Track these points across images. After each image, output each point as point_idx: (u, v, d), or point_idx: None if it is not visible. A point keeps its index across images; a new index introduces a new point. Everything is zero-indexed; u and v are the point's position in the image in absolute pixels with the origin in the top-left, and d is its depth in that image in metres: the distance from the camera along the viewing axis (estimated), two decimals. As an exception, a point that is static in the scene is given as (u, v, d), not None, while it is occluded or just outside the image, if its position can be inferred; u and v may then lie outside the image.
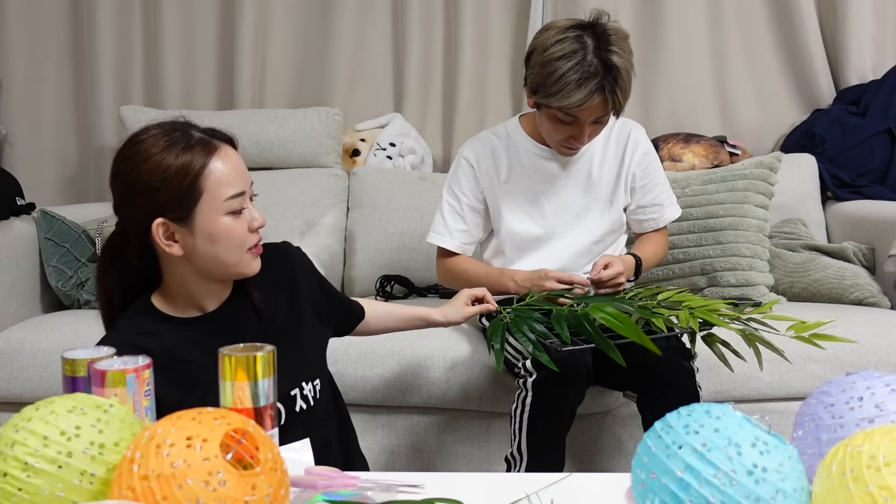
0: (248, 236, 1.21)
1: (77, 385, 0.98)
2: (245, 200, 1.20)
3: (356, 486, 0.95)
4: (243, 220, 1.20)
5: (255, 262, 1.23)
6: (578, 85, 1.58)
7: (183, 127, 1.19)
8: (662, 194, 1.87)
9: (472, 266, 1.84)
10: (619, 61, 1.59)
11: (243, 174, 1.20)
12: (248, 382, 0.93)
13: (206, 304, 1.26)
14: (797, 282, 2.21)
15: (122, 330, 1.21)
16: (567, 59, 1.59)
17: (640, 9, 2.79)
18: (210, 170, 1.16)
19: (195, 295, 1.24)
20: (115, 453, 0.79)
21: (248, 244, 1.21)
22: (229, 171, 1.18)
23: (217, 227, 1.18)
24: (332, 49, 2.83)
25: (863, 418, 0.86)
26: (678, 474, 0.76)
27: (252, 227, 1.21)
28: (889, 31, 2.77)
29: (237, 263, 1.21)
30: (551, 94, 1.61)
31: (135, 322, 1.22)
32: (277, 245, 1.37)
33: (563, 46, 1.60)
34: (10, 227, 2.19)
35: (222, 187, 1.17)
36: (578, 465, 1.87)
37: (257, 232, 1.22)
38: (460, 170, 1.84)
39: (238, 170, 1.19)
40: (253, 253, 1.22)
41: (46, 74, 2.93)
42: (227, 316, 1.27)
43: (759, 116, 2.80)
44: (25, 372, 1.92)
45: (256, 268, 1.24)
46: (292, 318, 1.32)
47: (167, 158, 1.14)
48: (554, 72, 1.60)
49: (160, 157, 1.14)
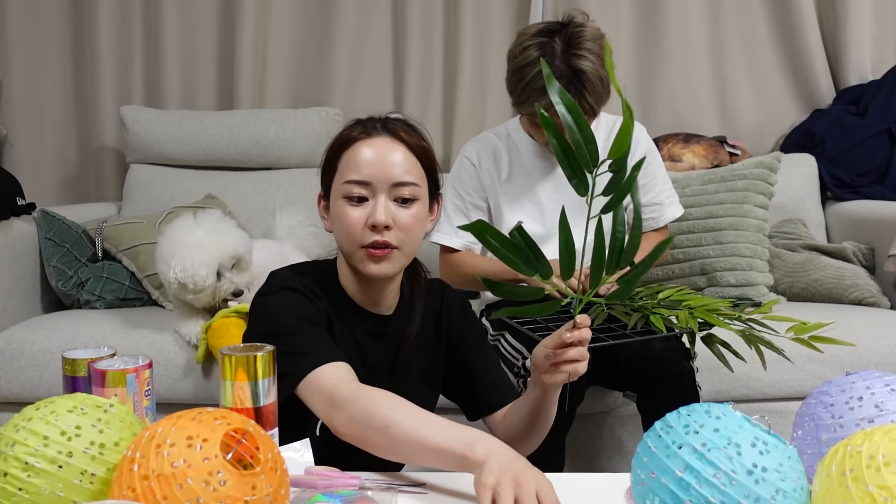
0: (362, 231, 1.15)
1: (77, 385, 0.99)
2: (373, 193, 1.15)
3: (356, 486, 0.95)
4: (362, 211, 1.15)
5: (371, 264, 1.16)
6: (544, 92, 1.57)
7: (388, 114, 1.23)
8: (663, 193, 1.87)
9: (478, 261, 1.83)
10: (588, 66, 1.58)
11: (383, 166, 1.15)
12: (248, 382, 0.93)
13: (362, 300, 1.23)
14: (797, 282, 2.21)
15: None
16: (532, 66, 1.59)
17: (640, 9, 2.79)
18: (350, 150, 1.17)
19: (352, 286, 1.22)
20: (115, 453, 0.79)
21: (361, 240, 1.15)
22: (367, 157, 1.15)
23: (335, 208, 1.18)
24: (332, 49, 2.83)
25: (863, 418, 0.86)
26: (678, 474, 0.76)
27: (368, 222, 1.14)
28: (889, 31, 2.77)
29: (351, 255, 1.17)
30: (521, 102, 1.63)
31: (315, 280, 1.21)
32: (443, 286, 1.33)
33: (530, 53, 1.60)
34: (10, 227, 2.19)
35: (349, 170, 1.15)
36: (578, 465, 1.87)
37: (378, 232, 1.14)
38: (463, 169, 1.84)
39: (378, 160, 1.15)
40: (367, 252, 1.15)
41: (46, 74, 2.93)
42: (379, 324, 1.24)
43: (759, 116, 2.80)
44: (25, 372, 1.92)
45: (374, 271, 1.16)
46: (428, 356, 1.27)
47: (339, 132, 1.21)
48: (522, 79, 1.60)
49: (340, 130, 1.21)
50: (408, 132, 1.20)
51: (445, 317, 1.30)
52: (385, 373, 1.25)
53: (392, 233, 1.15)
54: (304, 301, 1.16)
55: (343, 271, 1.23)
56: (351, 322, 1.22)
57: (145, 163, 2.68)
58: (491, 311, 1.82)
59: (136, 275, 2.23)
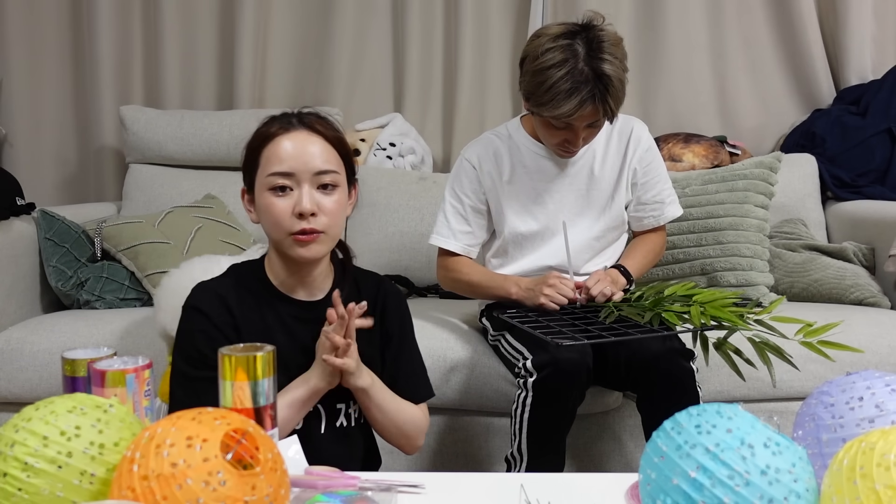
0: (290, 219, 1.23)
1: (77, 385, 0.98)
2: (297, 183, 1.23)
3: (356, 486, 0.95)
4: (288, 201, 1.23)
5: (299, 248, 1.24)
6: (569, 94, 1.57)
7: (300, 110, 1.29)
8: (664, 192, 1.87)
9: (475, 270, 1.83)
10: (611, 69, 1.58)
11: (304, 158, 1.23)
12: (248, 382, 0.93)
13: (291, 287, 1.31)
14: (797, 282, 2.21)
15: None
16: (557, 69, 1.58)
17: (640, 9, 2.79)
18: (271, 145, 1.24)
19: (281, 274, 1.31)
20: (115, 453, 0.79)
21: (290, 228, 1.23)
22: (288, 150, 1.23)
23: (261, 200, 1.26)
24: (332, 49, 2.83)
25: (863, 418, 0.86)
26: (691, 475, 0.75)
27: (295, 210, 1.22)
28: (889, 31, 2.77)
29: (280, 243, 1.26)
30: (542, 104, 1.62)
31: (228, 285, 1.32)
32: (379, 278, 1.41)
33: (553, 55, 1.59)
34: (10, 227, 2.18)
35: (272, 163, 1.23)
36: (578, 465, 1.87)
37: (305, 219, 1.22)
38: (462, 172, 1.84)
39: (298, 152, 1.23)
40: (295, 239, 1.23)
41: (46, 74, 2.93)
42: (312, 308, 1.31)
43: (759, 116, 2.80)
44: (25, 372, 1.91)
45: (303, 254, 1.25)
46: (363, 341, 1.32)
47: (257, 129, 1.28)
48: (545, 81, 1.60)
49: (257, 128, 1.29)
50: (322, 124, 1.28)
51: (381, 304, 1.37)
52: None
53: (317, 219, 1.24)
54: (200, 324, 1.26)
55: (272, 261, 1.32)
56: (278, 309, 1.31)
57: (145, 163, 2.68)
58: (490, 312, 1.82)
59: (135, 275, 2.23)
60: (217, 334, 1.24)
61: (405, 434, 1.35)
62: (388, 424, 1.33)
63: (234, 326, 1.27)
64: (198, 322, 1.26)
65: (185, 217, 2.34)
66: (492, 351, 1.83)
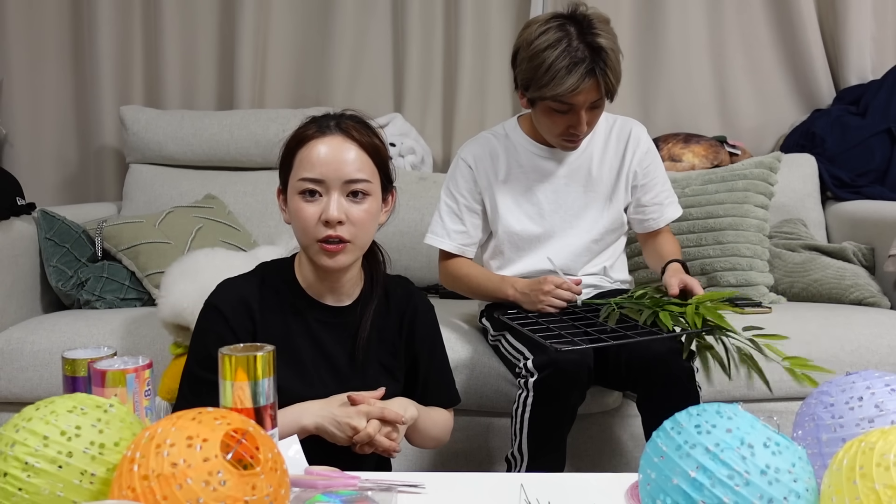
0: (316, 226, 1.21)
1: (77, 385, 0.99)
2: (327, 190, 1.21)
3: (356, 486, 0.95)
4: (317, 207, 1.21)
5: (325, 257, 1.23)
6: (569, 71, 1.59)
7: (343, 111, 1.28)
8: (663, 193, 1.87)
9: (474, 271, 1.84)
10: (606, 42, 1.61)
11: (336, 164, 1.21)
12: (248, 382, 0.93)
13: (320, 291, 1.30)
14: (797, 282, 2.21)
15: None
16: (553, 48, 1.60)
17: (640, 9, 2.79)
18: (305, 148, 1.23)
19: (310, 277, 1.29)
20: (115, 453, 0.79)
21: (316, 234, 1.22)
22: (321, 156, 1.21)
23: (291, 203, 1.25)
24: (332, 49, 2.83)
25: (863, 418, 0.86)
26: (691, 474, 0.75)
27: (322, 217, 1.21)
28: (889, 31, 2.77)
29: (308, 248, 1.25)
30: (543, 85, 1.62)
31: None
32: (410, 289, 1.40)
33: (547, 37, 1.61)
34: (10, 227, 2.18)
35: (304, 167, 1.22)
36: (578, 465, 1.86)
37: (332, 227, 1.21)
38: (458, 171, 1.84)
39: (330, 158, 1.21)
40: (321, 247, 1.22)
41: (46, 74, 2.93)
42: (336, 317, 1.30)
43: (759, 116, 2.80)
44: (25, 372, 1.91)
45: (328, 264, 1.23)
46: (387, 352, 1.32)
47: (296, 129, 1.27)
48: (542, 62, 1.61)
49: (296, 127, 1.27)
50: (360, 130, 1.25)
51: (410, 315, 1.36)
52: (343, 360, 1.30)
53: (345, 227, 1.22)
54: (216, 325, 1.25)
55: (302, 264, 1.30)
56: (304, 313, 1.29)
57: (145, 163, 2.68)
58: (490, 313, 1.82)
59: (136, 274, 2.23)
60: (231, 339, 1.22)
61: (435, 438, 1.39)
62: (426, 438, 1.37)
63: (251, 332, 1.26)
64: (214, 323, 1.25)
65: (186, 217, 2.34)
66: (492, 351, 1.83)
